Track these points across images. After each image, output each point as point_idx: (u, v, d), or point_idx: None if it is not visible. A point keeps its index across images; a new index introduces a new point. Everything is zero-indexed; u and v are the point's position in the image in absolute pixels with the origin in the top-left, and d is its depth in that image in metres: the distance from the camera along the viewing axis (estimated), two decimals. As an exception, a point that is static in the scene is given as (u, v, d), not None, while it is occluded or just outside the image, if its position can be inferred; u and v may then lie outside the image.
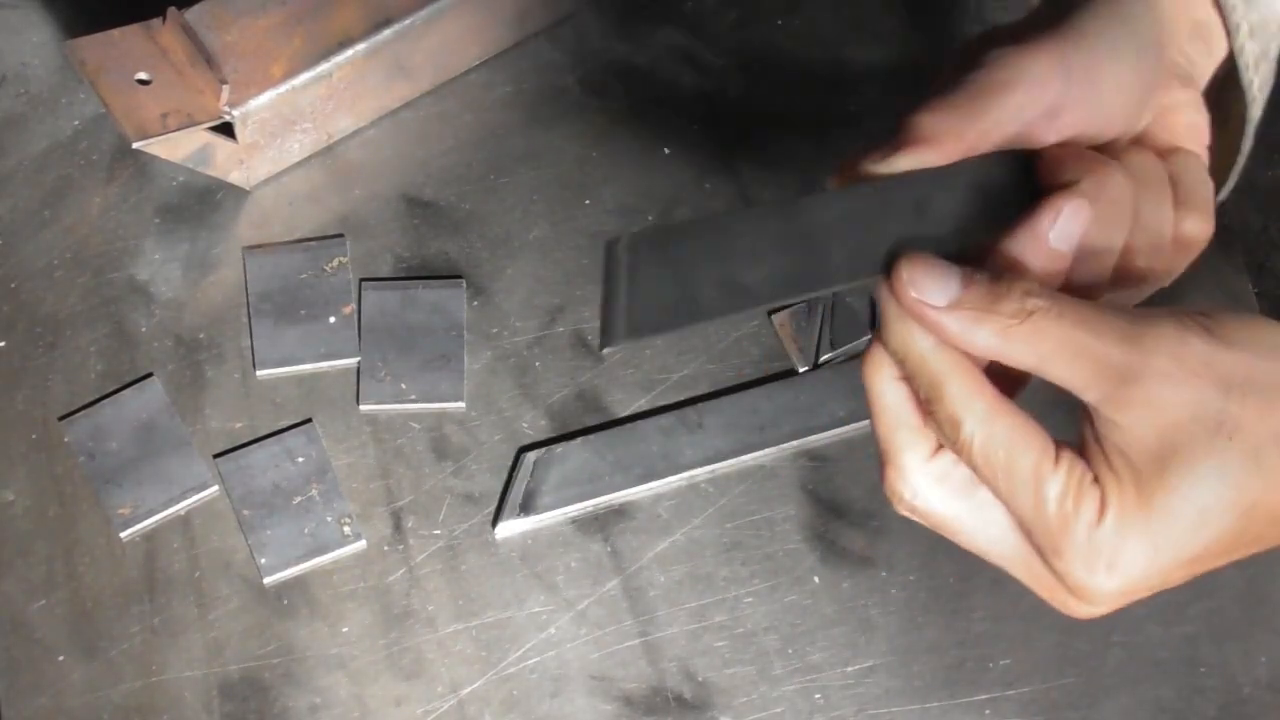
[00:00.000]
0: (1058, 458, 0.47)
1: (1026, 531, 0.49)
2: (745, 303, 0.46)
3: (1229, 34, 0.54)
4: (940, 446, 0.49)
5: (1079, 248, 0.48)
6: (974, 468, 0.48)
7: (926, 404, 0.48)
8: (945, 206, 0.49)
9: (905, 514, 0.50)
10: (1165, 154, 0.52)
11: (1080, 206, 0.48)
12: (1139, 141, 0.52)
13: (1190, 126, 0.53)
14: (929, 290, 0.46)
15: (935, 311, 0.46)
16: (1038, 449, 0.47)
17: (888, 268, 0.47)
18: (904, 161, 0.48)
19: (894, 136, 0.49)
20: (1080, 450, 0.48)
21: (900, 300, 0.47)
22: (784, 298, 0.47)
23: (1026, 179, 0.49)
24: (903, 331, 0.47)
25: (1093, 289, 0.50)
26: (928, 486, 0.50)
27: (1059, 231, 0.48)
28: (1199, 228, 0.52)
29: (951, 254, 0.47)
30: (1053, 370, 0.47)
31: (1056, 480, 0.47)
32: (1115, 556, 0.47)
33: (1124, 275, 0.51)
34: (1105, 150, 0.50)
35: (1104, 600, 0.49)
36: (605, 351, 0.47)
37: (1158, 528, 0.47)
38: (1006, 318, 0.46)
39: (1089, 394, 0.47)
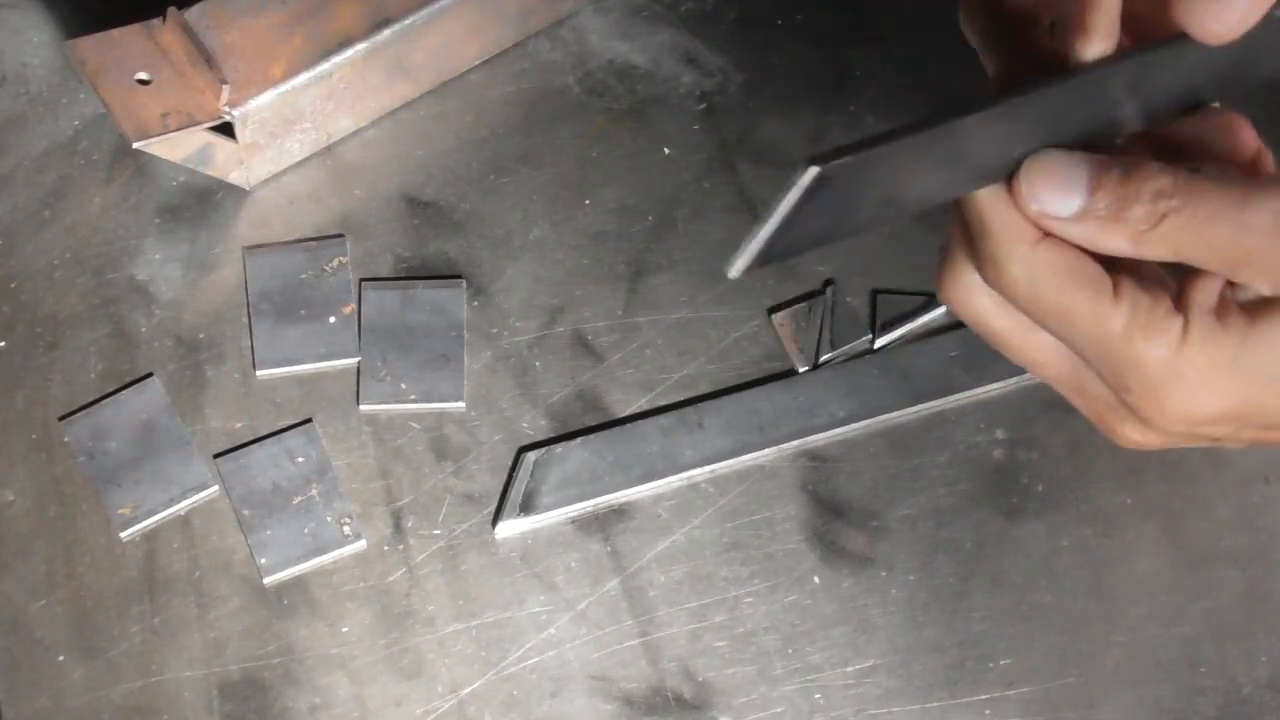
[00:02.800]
0: (1117, 293, 0.45)
1: (1091, 367, 0.47)
2: (892, 217, 0.45)
3: None
4: None
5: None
6: (1025, 311, 0.47)
7: (972, 240, 0.46)
8: (1095, 109, 0.47)
9: (955, 313, 0.49)
10: None
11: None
12: None
13: None
14: (1051, 202, 0.44)
15: (1060, 223, 0.45)
16: (1091, 286, 0.46)
17: (1012, 173, 0.45)
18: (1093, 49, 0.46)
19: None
20: (1157, 281, 0.46)
21: (1025, 213, 0.45)
22: (927, 207, 0.46)
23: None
24: None
25: None
26: (978, 294, 0.48)
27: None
28: None
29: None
30: (1185, 259, 0.45)
31: (1119, 316, 0.45)
32: (1196, 382, 0.46)
33: None
34: None
35: (1171, 425, 0.47)
36: (734, 274, 0.45)
37: (1253, 360, 0.45)
38: (1137, 224, 0.44)
39: (1217, 270, 0.45)
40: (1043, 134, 0.46)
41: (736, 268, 0.44)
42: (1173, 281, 0.47)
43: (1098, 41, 0.47)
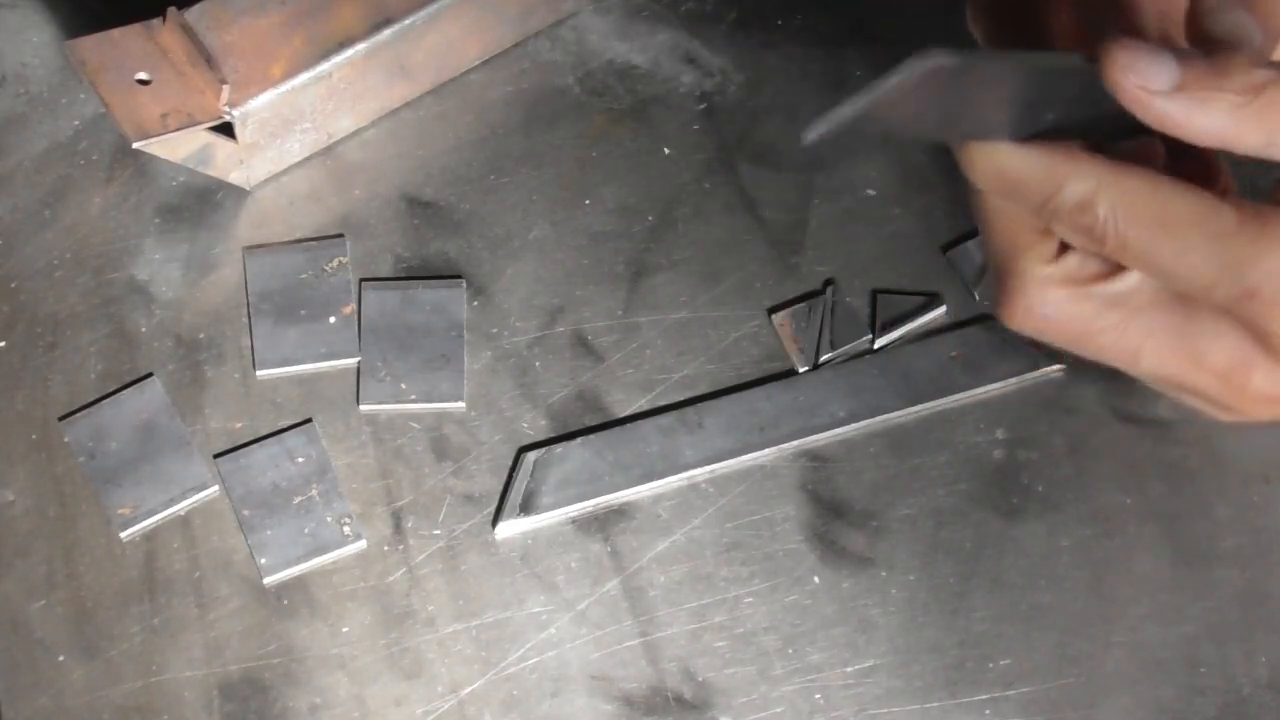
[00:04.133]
0: (1215, 192, 0.43)
1: (1208, 290, 0.43)
2: (960, 134, 0.43)
3: None
4: (1065, 246, 0.44)
5: None
6: (1126, 252, 0.43)
7: (1043, 211, 0.44)
8: None
9: (1029, 332, 0.46)
10: None
11: None
12: None
13: None
14: (1150, 73, 0.42)
15: (1158, 97, 0.42)
16: (1183, 192, 0.43)
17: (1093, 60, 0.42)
18: None
19: None
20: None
21: (1119, 87, 0.42)
22: (997, 136, 0.44)
23: None
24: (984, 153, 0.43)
25: None
26: (1054, 289, 0.45)
27: None
28: None
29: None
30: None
31: (1227, 210, 0.42)
32: None
33: None
34: None
35: None
36: (811, 137, 0.43)
37: None
38: (1235, 95, 0.42)
39: None
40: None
41: (816, 131, 0.41)
42: None
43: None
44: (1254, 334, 0.44)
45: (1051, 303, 0.45)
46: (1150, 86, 0.42)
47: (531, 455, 0.70)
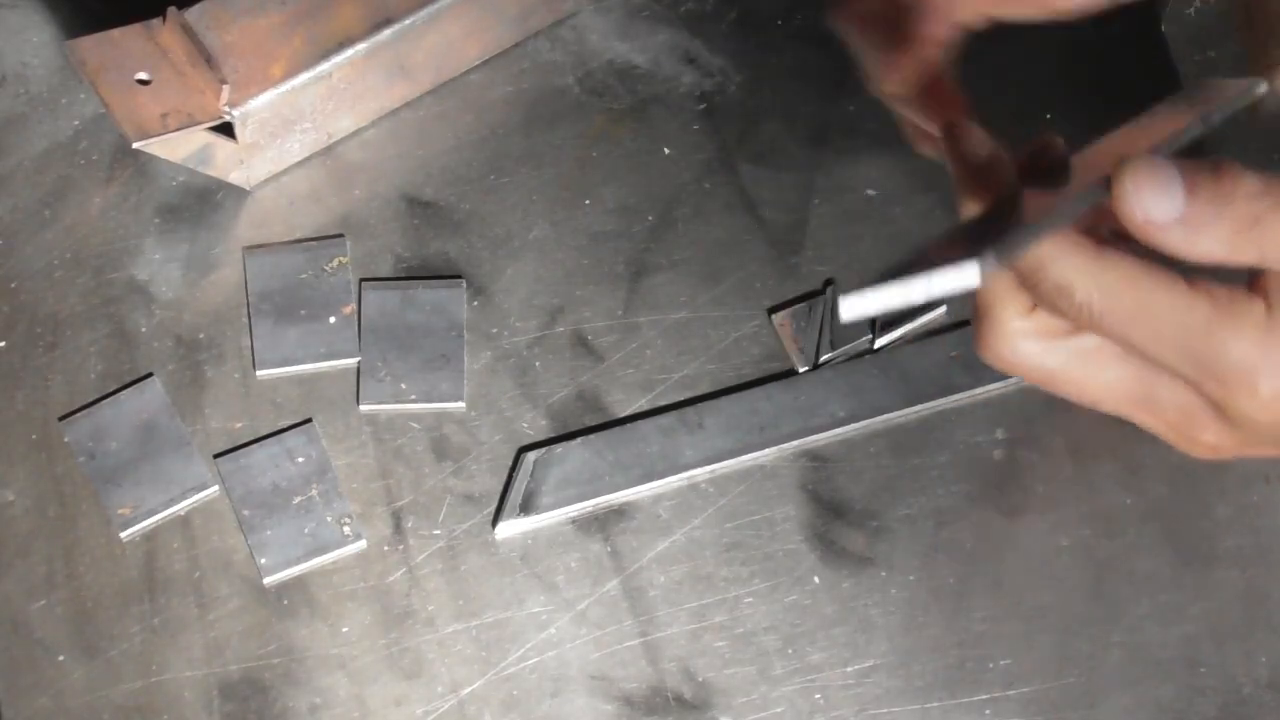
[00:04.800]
0: (1191, 286, 0.45)
1: (1171, 371, 0.46)
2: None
3: None
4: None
5: None
6: (1104, 333, 0.46)
7: (1028, 285, 0.46)
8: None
9: (998, 369, 0.49)
10: None
11: None
12: None
13: None
14: (1156, 209, 0.44)
15: (1160, 229, 0.44)
16: (1165, 284, 0.45)
17: (1107, 182, 0.45)
18: None
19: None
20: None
21: (1127, 219, 0.44)
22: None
23: None
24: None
25: None
26: (1025, 340, 0.48)
27: None
28: None
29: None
30: (1272, 262, 0.45)
31: (1200, 306, 0.45)
32: None
33: None
34: None
35: (1262, 412, 0.46)
36: (847, 316, 0.45)
37: None
38: (1233, 225, 0.44)
39: None
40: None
41: (853, 311, 0.43)
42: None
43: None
44: (1209, 402, 0.47)
45: (1022, 352, 0.48)
46: (1155, 221, 0.44)
47: (531, 455, 0.70)
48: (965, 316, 0.73)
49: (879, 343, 0.73)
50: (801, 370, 0.72)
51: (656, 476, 0.70)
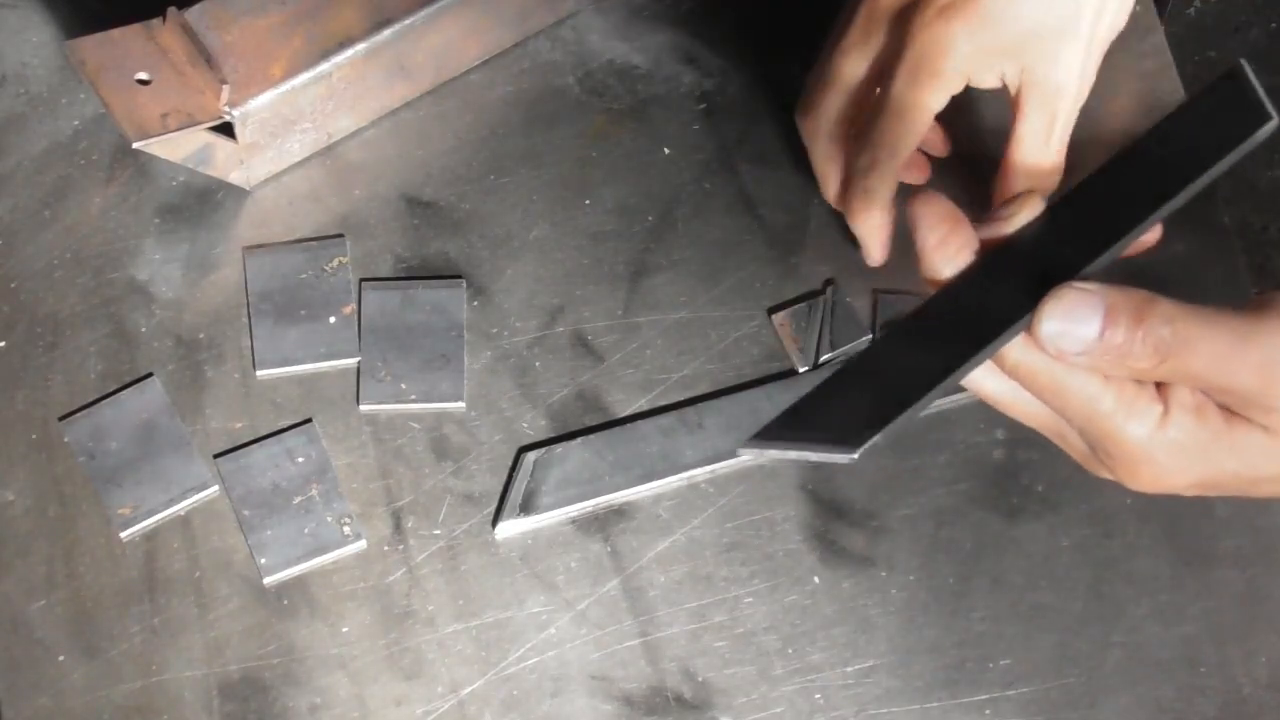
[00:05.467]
0: (1106, 377, 0.50)
1: (1078, 430, 0.52)
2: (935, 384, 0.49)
3: None
4: None
5: None
6: (1022, 385, 0.51)
7: None
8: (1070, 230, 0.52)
9: None
10: None
11: None
12: None
13: None
14: (1067, 343, 0.49)
15: (1070, 356, 0.49)
16: (1083, 373, 0.50)
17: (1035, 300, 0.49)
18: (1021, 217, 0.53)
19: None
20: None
21: (1042, 345, 0.49)
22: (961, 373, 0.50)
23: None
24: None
25: None
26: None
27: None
28: None
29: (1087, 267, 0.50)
30: (1178, 384, 0.51)
31: (1108, 397, 0.50)
32: (1168, 463, 0.51)
33: None
34: None
35: (1141, 488, 0.53)
36: (743, 454, 0.53)
37: (1222, 456, 0.51)
38: (1139, 362, 0.49)
39: (1206, 394, 0.51)
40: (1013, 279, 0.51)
41: (750, 451, 0.50)
42: None
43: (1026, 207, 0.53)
44: (1097, 457, 0.54)
45: (971, 376, 0.53)
46: (1065, 353, 0.49)
47: (531, 455, 0.70)
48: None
49: (879, 343, 0.73)
50: (801, 370, 0.72)
51: (656, 476, 0.70)
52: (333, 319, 0.73)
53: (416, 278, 0.74)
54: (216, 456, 0.70)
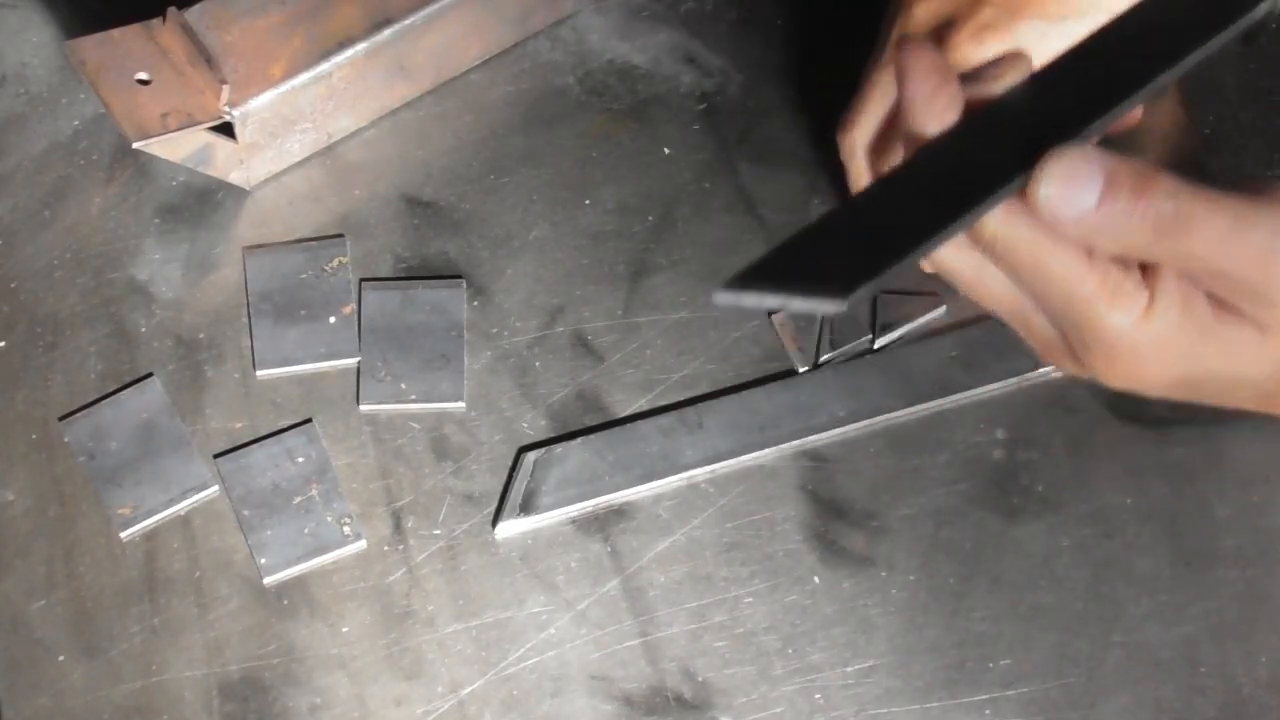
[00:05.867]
0: (1090, 257, 0.47)
1: (1050, 318, 0.49)
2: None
3: None
4: None
5: None
6: (1001, 267, 0.48)
7: None
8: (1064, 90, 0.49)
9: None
10: None
11: None
12: None
13: None
14: (1062, 208, 0.45)
15: (1065, 224, 0.46)
16: (1065, 249, 0.47)
17: (1029, 164, 0.46)
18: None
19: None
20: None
21: (1036, 211, 0.46)
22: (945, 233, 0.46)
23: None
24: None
25: None
26: None
27: None
28: None
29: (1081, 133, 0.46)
30: (1169, 266, 0.47)
31: (1091, 280, 0.47)
32: (1148, 357, 0.48)
33: None
34: None
35: (1113, 382, 0.50)
36: (720, 300, 0.47)
37: (1208, 354, 0.48)
38: (1133, 238, 0.46)
39: (1198, 281, 0.48)
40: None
41: (725, 299, 0.46)
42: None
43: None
44: (1071, 349, 0.50)
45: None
46: (1061, 219, 0.46)
47: (531, 455, 0.70)
48: (965, 317, 0.73)
49: (879, 343, 0.73)
50: (801, 370, 0.72)
51: (656, 476, 0.70)
52: (333, 319, 0.73)
53: (416, 278, 0.74)
54: (216, 456, 0.70)
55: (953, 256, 0.50)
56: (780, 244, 0.46)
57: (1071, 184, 0.45)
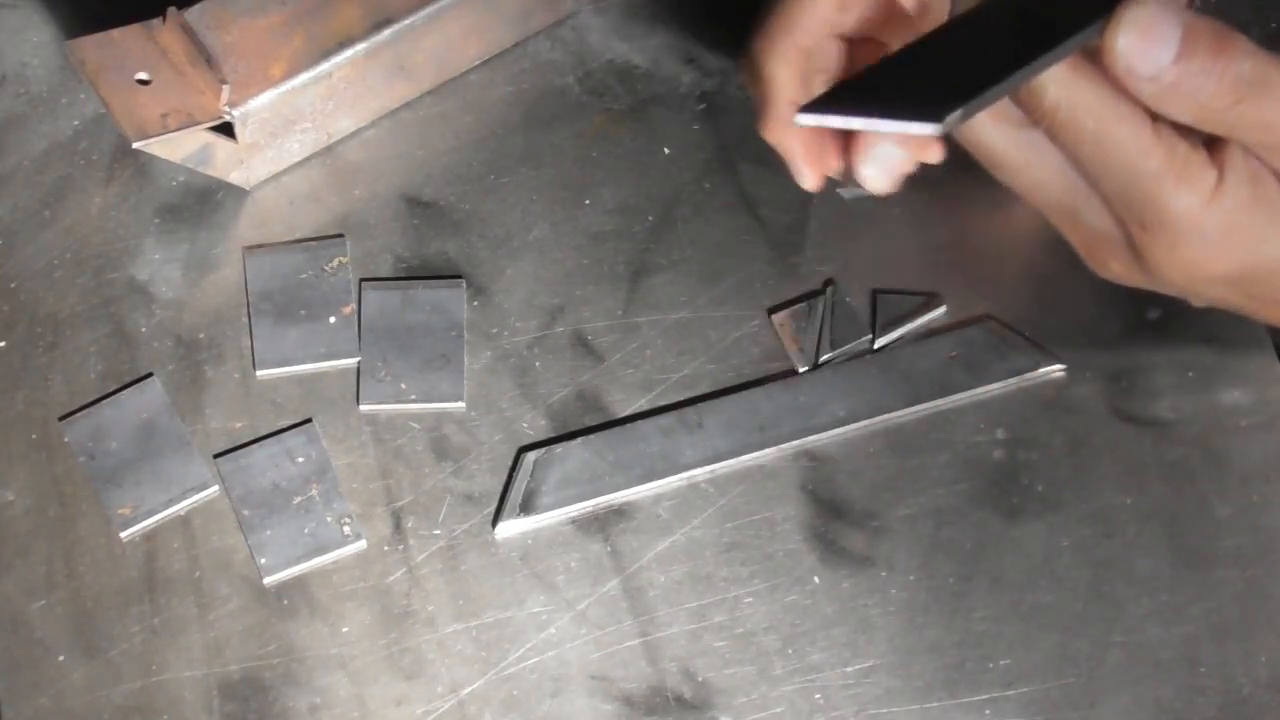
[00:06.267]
0: (1155, 131, 0.44)
1: (1106, 198, 0.46)
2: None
3: None
4: None
5: None
6: (1059, 142, 0.45)
7: None
8: None
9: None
10: None
11: None
12: None
13: None
14: (1139, 63, 0.42)
15: (1140, 80, 0.43)
16: (1131, 119, 0.44)
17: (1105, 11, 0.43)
18: None
19: None
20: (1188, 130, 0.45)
21: (1110, 66, 0.43)
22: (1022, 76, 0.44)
23: None
24: None
25: None
26: (987, 119, 0.47)
27: None
28: None
29: None
30: (1240, 140, 0.44)
31: (1157, 155, 0.44)
32: (1216, 241, 0.45)
33: None
34: None
35: (1172, 273, 0.46)
36: (802, 121, 0.46)
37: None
38: (1210, 102, 0.43)
39: (1271, 156, 0.45)
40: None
41: (808, 118, 0.44)
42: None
43: None
44: (1127, 238, 0.46)
45: (977, 128, 0.47)
46: (1138, 74, 0.43)
47: (531, 455, 0.70)
48: (966, 316, 0.73)
49: (879, 343, 0.73)
50: (801, 370, 0.72)
51: (656, 476, 0.70)
52: (333, 319, 0.73)
53: (416, 278, 0.74)
54: (216, 456, 0.70)
55: (1001, 138, 0.47)
56: (859, 71, 0.44)
57: (1150, 35, 0.42)
